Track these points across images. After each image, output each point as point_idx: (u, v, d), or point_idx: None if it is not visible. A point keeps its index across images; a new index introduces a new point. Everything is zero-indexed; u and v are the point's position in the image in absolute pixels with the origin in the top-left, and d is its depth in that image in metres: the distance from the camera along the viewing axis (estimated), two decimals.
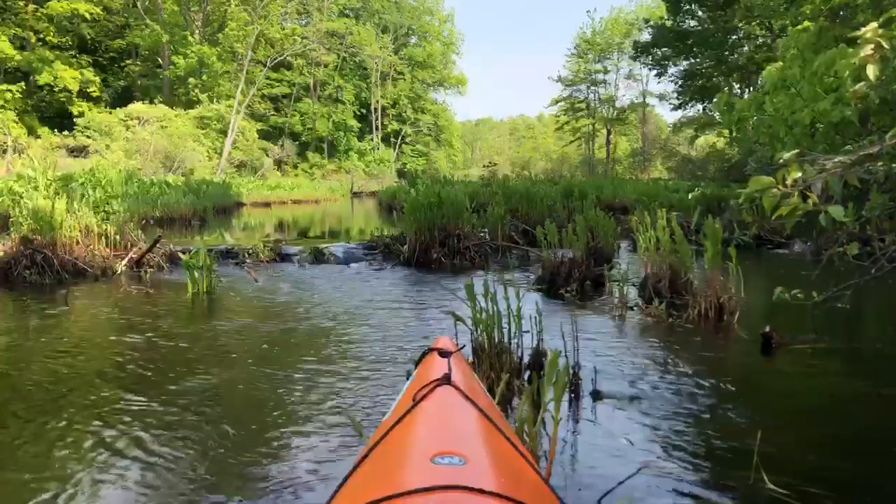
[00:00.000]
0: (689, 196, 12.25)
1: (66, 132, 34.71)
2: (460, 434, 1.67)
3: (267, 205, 29.21)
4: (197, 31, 46.38)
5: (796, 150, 2.31)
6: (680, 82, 40.03)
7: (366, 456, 1.59)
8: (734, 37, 33.63)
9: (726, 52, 34.15)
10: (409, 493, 1.23)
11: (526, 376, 3.54)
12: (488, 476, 1.39)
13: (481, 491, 1.24)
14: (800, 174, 2.19)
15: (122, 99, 42.06)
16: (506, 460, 1.57)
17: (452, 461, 1.39)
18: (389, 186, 30.97)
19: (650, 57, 41.04)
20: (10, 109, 33.73)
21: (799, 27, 6.71)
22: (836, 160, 2.14)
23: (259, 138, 45.87)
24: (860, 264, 3.80)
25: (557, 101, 66.57)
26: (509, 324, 3.54)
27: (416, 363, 2.57)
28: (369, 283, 7.54)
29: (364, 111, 58.25)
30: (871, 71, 2.28)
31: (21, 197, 8.44)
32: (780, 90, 5.83)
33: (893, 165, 2.59)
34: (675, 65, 40.09)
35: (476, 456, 1.50)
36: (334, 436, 2.90)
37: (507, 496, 1.25)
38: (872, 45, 2.25)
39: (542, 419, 2.65)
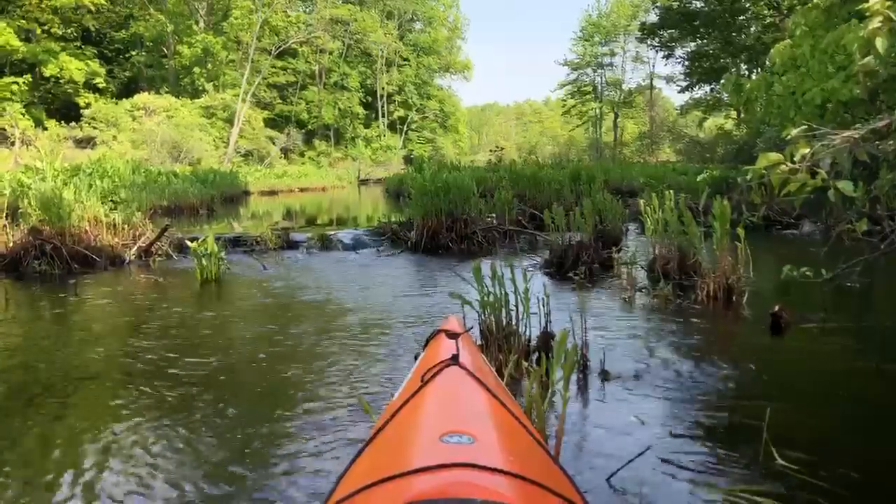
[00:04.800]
0: (698, 178, 12.17)
1: (72, 123, 34.73)
2: (468, 413, 1.67)
3: (274, 193, 29.23)
4: (201, 20, 46.30)
5: (804, 127, 2.29)
6: (687, 64, 39.73)
7: (375, 435, 1.60)
8: (742, 17, 33.32)
9: (734, 33, 33.84)
10: (418, 470, 1.24)
11: (534, 358, 3.54)
12: (497, 454, 1.39)
13: (490, 469, 1.24)
14: (808, 150, 2.17)
15: (127, 90, 42.07)
16: (514, 439, 1.57)
17: (461, 440, 1.39)
18: (396, 173, 30.93)
19: (657, 39, 40.69)
20: (16, 101, 33.72)
21: (808, 4, 6.63)
22: (844, 135, 2.12)
23: (265, 127, 45.81)
24: (870, 242, 3.78)
25: (564, 85, 66.15)
26: (517, 306, 3.54)
27: (425, 344, 2.57)
28: (377, 269, 7.55)
29: (370, 98, 58.06)
30: (880, 44, 2.25)
31: (29, 188, 8.47)
32: (790, 69, 5.78)
33: None
34: (683, 46, 39.77)
35: (484, 435, 1.50)
36: (344, 416, 2.92)
37: (516, 474, 1.25)
38: (881, 18, 2.22)
39: (550, 399, 2.65)
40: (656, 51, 45.60)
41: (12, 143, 28.42)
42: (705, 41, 36.62)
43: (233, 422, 2.91)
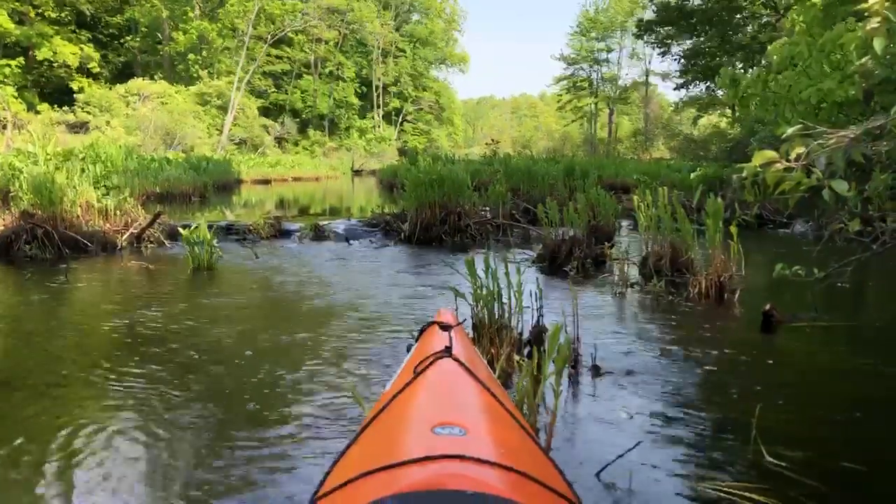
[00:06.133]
0: (692, 176, 12.21)
1: (65, 108, 34.53)
2: (461, 405, 1.67)
3: (267, 182, 29.17)
4: (197, 7, 45.99)
5: (799, 126, 2.29)
6: (683, 61, 39.76)
7: (367, 426, 1.60)
8: (738, 16, 33.36)
9: (730, 32, 33.88)
10: (410, 461, 1.23)
11: (526, 352, 3.55)
12: (488, 446, 1.39)
13: (481, 461, 1.24)
14: (803, 149, 2.17)
15: (122, 75, 41.84)
16: (506, 431, 1.57)
17: (453, 431, 1.39)
18: (390, 164, 30.90)
19: (654, 35, 40.69)
20: (9, 85, 33.52)
21: (807, 1, 6.63)
22: (840, 134, 2.12)
23: (259, 115, 45.67)
24: (862, 241, 3.80)
25: (560, 80, 66.09)
26: (509, 300, 3.54)
27: (417, 336, 2.57)
28: (370, 260, 7.54)
29: (365, 89, 57.91)
30: (878, 44, 2.25)
31: (21, 172, 8.41)
32: (787, 67, 5.77)
33: None
34: (679, 43, 39.78)
35: (476, 427, 1.50)
36: (335, 406, 2.91)
37: (508, 466, 1.26)
38: (879, 18, 2.21)
39: (541, 392, 2.65)
40: (652, 48, 45.60)
41: (4, 127, 28.22)
42: (702, 39, 36.64)
43: (221, 411, 2.90)
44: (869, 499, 2.23)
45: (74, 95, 36.07)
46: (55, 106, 35.04)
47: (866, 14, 2.27)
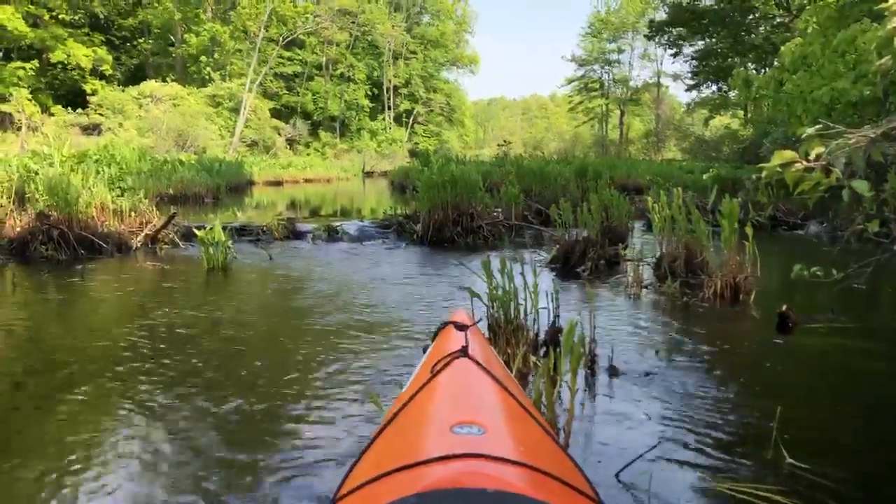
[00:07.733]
0: (704, 177, 12.17)
1: (79, 110, 34.76)
2: (479, 404, 1.67)
3: (279, 183, 29.27)
4: (209, 9, 46.22)
5: (819, 126, 2.28)
6: (695, 62, 39.65)
7: (385, 427, 1.60)
8: (751, 16, 33.22)
9: (742, 32, 33.76)
10: (430, 461, 1.23)
11: (542, 352, 3.54)
12: (508, 445, 1.39)
13: (502, 459, 1.24)
14: (822, 149, 2.16)
15: (134, 77, 42.07)
16: (525, 429, 1.57)
17: (472, 430, 1.39)
18: (401, 166, 30.95)
19: (665, 36, 40.60)
20: (23, 87, 33.72)
21: (820, 1, 6.59)
22: (860, 134, 2.10)
23: (271, 117, 45.83)
24: (880, 242, 3.77)
25: (571, 81, 66.00)
26: (525, 300, 3.54)
27: (433, 336, 2.57)
28: (383, 261, 7.55)
29: (376, 90, 58.02)
30: None
31: (36, 174, 8.49)
32: (800, 67, 5.75)
33: None
34: (691, 44, 39.68)
35: (495, 425, 1.50)
36: (352, 407, 2.91)
37: (527, 464, 1.25)
38: None
39: (558, 392, 2.65)
40: (664, 48, 45.51)
41: (18, 129, 28.45)
42: (714, 40, 36.54)
43: (237, 413, 2.91)
44: (890, 501, 2.21)
45: (88, 97, 36.31)
46: (69, 108, 35.27)
47: (886, 14, 2.26)
